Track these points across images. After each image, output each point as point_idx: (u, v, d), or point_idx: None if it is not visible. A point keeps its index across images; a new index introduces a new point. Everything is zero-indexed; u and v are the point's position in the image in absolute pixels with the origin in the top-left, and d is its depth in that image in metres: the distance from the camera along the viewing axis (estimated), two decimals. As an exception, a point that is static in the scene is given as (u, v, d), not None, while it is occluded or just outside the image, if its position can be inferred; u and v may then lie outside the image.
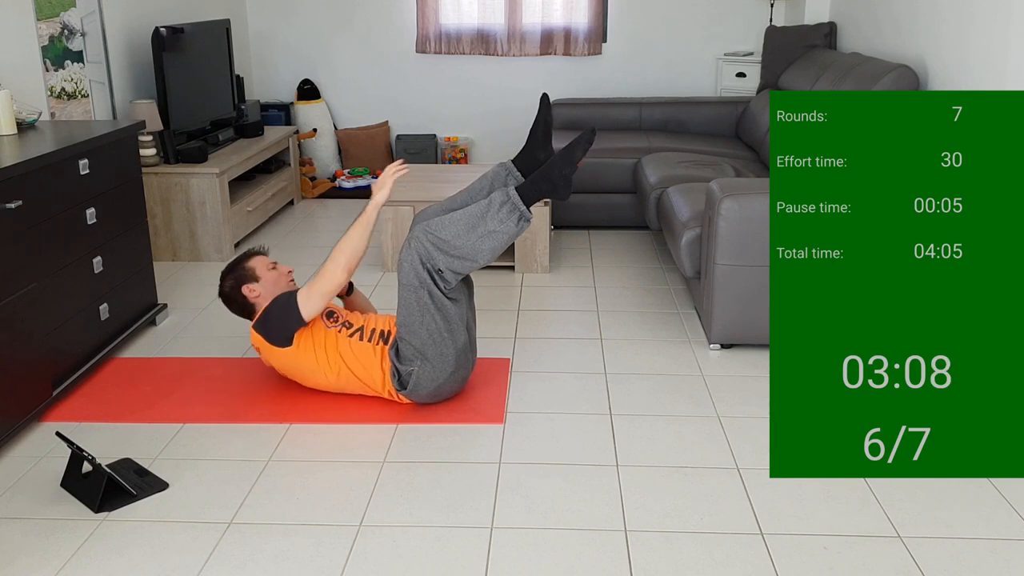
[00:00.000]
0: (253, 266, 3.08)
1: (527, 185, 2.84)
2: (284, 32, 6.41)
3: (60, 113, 4.03)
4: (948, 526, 2.34)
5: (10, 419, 2.73)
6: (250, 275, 3.06)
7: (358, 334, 2.96)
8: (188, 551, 2.27)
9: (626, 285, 4.23)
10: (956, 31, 3.77)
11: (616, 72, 6.32)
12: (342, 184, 6.18)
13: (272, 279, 3.06)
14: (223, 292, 3.10)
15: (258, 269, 3.07)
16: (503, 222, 2.79)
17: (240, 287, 3.05)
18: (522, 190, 2.83)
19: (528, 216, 2.82)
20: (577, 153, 2.85)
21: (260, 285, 3.04)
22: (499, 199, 2.80)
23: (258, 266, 3.08)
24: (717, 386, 3.16)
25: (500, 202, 2.80)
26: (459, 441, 2.80)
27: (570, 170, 2.85)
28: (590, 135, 2.86)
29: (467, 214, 2.80)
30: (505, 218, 2.79)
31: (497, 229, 2.79)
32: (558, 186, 2.85)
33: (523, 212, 2.80)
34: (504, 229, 2.79)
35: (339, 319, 2.99)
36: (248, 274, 3.06)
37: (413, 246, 2.79)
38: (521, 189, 2.83)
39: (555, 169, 2.84)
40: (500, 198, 2.80)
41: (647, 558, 2.23)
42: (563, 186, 2.85)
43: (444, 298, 2.81)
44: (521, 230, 2.83)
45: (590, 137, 2.86)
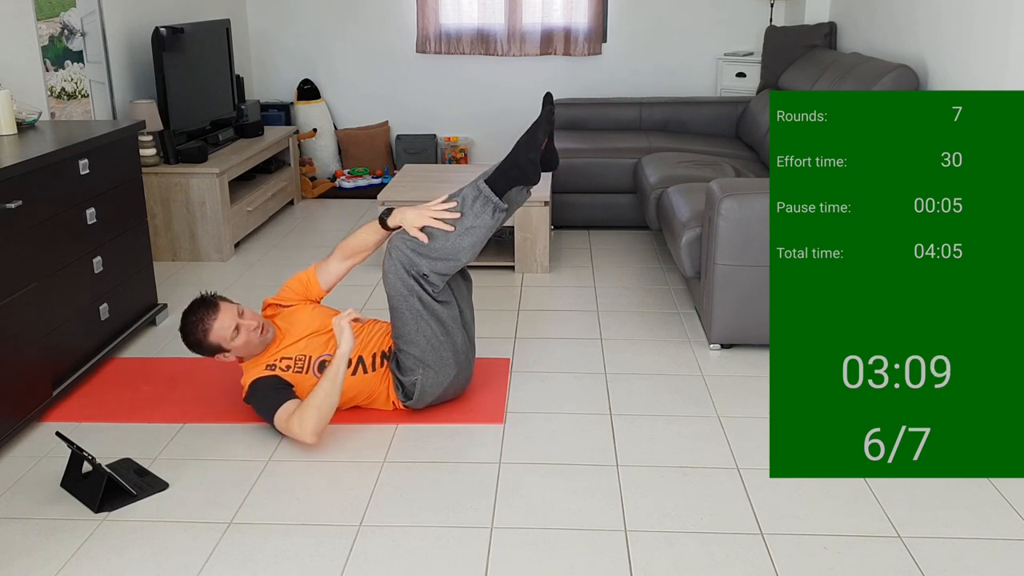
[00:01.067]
0: (216, 341, 2.76)
1: (496, 175, 2.83)
2: (284, 32, 6.41)
3: (60, 113, 4.03)
4: (948, 526, 2.34)
5: (10, 419, 2.73)
6: (217, 348, 2.79)
7: (360, 368, 2.87)
8: (188, 551, 2.27)
9: (626, 285, 4.23)
10: (956, 31, 3.77)
11: (616, 72, 6.31)
12: (342, 184, 6.18)
13: (242, 343, 2.77)
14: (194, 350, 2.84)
15: (224, 340, 2.76)
16: (479, 216, 2.78)
17: (214, 356, 2.83)
18: (492, 180, 2.81)
19: (503, 207, 2.80)
20: (540, 135, 2.84)
21: (232, 354, 2.81)
22: (471, 195, 2.80)
23: (223, 336, 2.75)
24: (717, 386, 3.16)
25: (472, 197, 2.79)
26: (459, 441, 2.80)
27: (535, 153, 2.82)
28: (548, 114, 2.84)
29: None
30: (480, 212, 2.78)
31: (474, 224, 2.78)
32: (527, 171, 2.82)
33: (497, 203, 2.79)
34: (481, 223, 2.79)
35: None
36: (215, 347, 2.78)
37: (395, 256, 2.78)
38: (491, 180, 2.81)
39: (521, 154, 2.82)
40: (472, 193, 2.80)
41: (647, 558, 2.23)
42: (532, 170, 2.82)
43: (434, 302, 2.81)
44: (498, 221, 2.82)
45: (549, 116, 2.84)
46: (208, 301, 2.80)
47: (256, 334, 2.79)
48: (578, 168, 5.00)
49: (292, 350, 2.85)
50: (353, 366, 2.85)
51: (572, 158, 4.99)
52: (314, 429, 2.67)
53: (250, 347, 2.80)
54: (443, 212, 2.79)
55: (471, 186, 2.83)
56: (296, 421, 2.67)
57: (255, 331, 2.78)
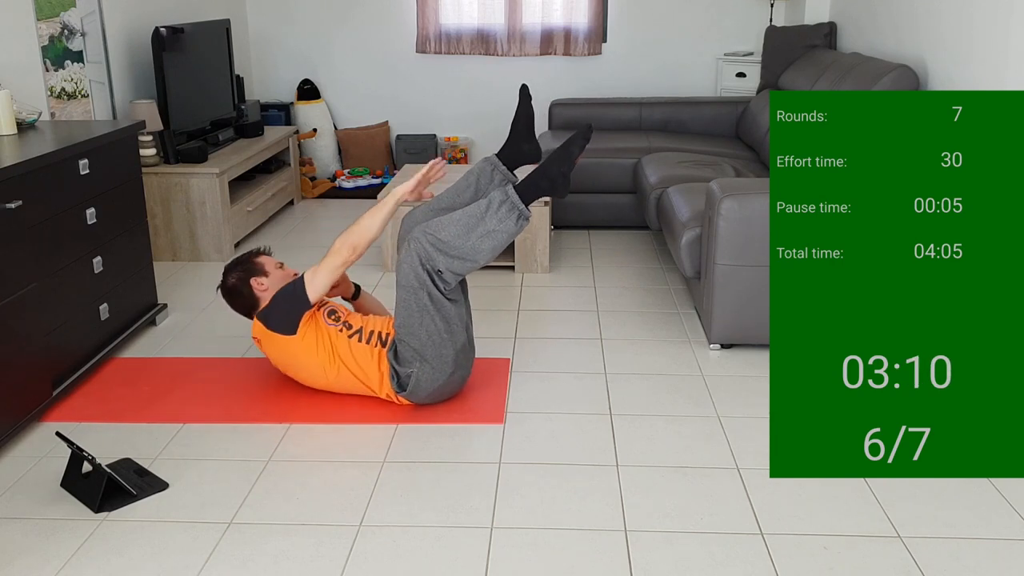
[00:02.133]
0: (262, 262, 3.09)
1: (525, 184, 2.85)
2: (284, 32, 6.41)
3: (60, 113, 4.03)
4: (948, 526, 2.34)
5: (10, 419, 2.73)
6: (259, 269, 3.06)
7: (357, 335, 2.96)
8: (188, 551, 2.27)
9: (626, 285, 4.23)
10: (956, 31, 3.77)
11: (616, 72, 6.31)
12: (342, 184, 6.18)
13: (279, 277, 3.06)
14: (227, 286, 3.08)
15: (267, 265, 3.08)
16: (502, 221, 2.79)
17: (249, 279, 3.04)
18: (521, 189, 2.83)
19: (527, 215, 2.82)
20: (574, 150, 2.86)
21: (268, 280, 3.04)
22: (498, 198, 2.80)
23: (266, 263, 3.10)
24: (717, 386, 3.16)
25: (499, 201, 2.80)
26: (459, 441, 2.80)
27: (568, 167, 2.86)
28: (587, 131, 2.88)
29: (466, 214, 2.80)
30: (504, 217, 2.79)
31: (497, 228, 2.79)
32: (557, 184, 2.85)
33: (522, 211, 2.80)
34: (504, 228, 2.79)
35: (340, 318, 2.99)
36: (258, 268, 3.06)
37: (412, 247, 2.78)
38: (520, 188, 2.83)
39: (553, 167, 2.84)
40: (499, 197, 2.80)
41: (647, 558, 2.23)
42: (561, 184, 2.86)
43: (444, 299, 2.81)
44: (520, 228, 2.83)
45: (587, 134, 2.87)
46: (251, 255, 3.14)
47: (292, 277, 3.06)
48: (578, 168, 4.95)
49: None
50: (354, 332, 2.96)
51: (572, 158, 4.99)
52: (353, 243, 2.84)
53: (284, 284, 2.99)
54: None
55: (499, 190, 2.83)
56: (332, 245, 2.86)
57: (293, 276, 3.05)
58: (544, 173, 2.84)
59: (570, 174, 2.87)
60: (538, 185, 2.85)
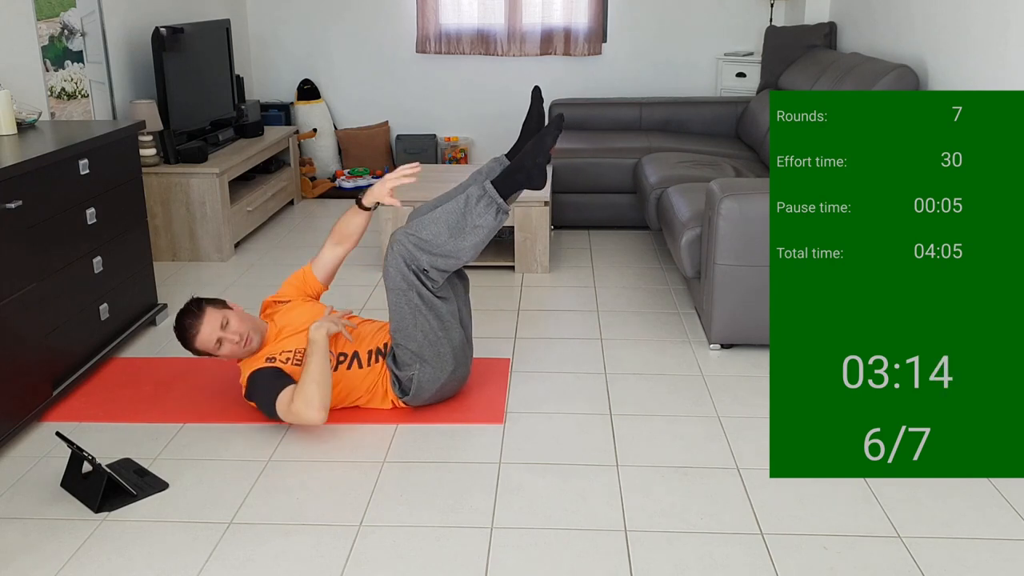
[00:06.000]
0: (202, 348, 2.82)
1: (502, 178, 2.87)
2: (284, 32, 6.41)
3: (60, 113, 4.03)
4: (948, 526, 2.34)
5: (10, 419, 2.73)
6: (206, 353, 2.85)
7: (355, 363, 2.90)
8: (188, 551, 2.27)
9: (626, 285, 4.23)
10: (955, 31, 3.77)
11: (616, 72, 6.31)
12: (342, 184, 6.18)
13: (226, 353, 2.82)
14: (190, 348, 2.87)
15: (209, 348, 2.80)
16: (481, 216, 2.80)
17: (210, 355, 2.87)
18: (497, 183, 2.84)
19: (506, 208, 2.84)
20: (548, 141, 2.88)
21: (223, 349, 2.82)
22: (476, 194, 2.82)
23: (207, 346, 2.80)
24: (717, 386, 3.16)
25: (477, 197, 2.81)
26: (459, 441, 2.80)
27: (543, 159, 2.87)
28: (559, 121, 2.89)
29: (446, 211, 2.82)
30: (483, 212, 2.81)
31: (477, 224, 2.80)
32: (532, 176, 2.86)
33: (500, 205, 2.82)
34: (483, 223, 2.81)
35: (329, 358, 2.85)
36: (204, 353, 2.85)
37: (396, 249, 2.79)
38: (496, 182, 2.85)
39: (528, 159, 2.86)
40: (476, 193, 2.82)
41: (647, 558, 2.23)
42: (537, 176, 2.87)
43: (433, 297, 2.82)
44: (500, 223, 2.84)
45: (559, 124, 2.89)
46: (192, 311, 2.82)
47: (239, 347, 2.81)
48: (578, 168, 5.00)
49: (291, 343, 2.86)
50: (348, 360, 2.89)
51: (572, 158, 5.00)
52: (320, 403, 2.66)
53: (235, 356, 2.85)
54: (402, 177, 2.91)
55: (476, 185, 2.85)
56: (300, 400, 2.67)
57: (237, 344, 2.80)
58: (519, 166, 2.86)
59: (544, 165, 2.87)
60: (514, 178, 2.86)
